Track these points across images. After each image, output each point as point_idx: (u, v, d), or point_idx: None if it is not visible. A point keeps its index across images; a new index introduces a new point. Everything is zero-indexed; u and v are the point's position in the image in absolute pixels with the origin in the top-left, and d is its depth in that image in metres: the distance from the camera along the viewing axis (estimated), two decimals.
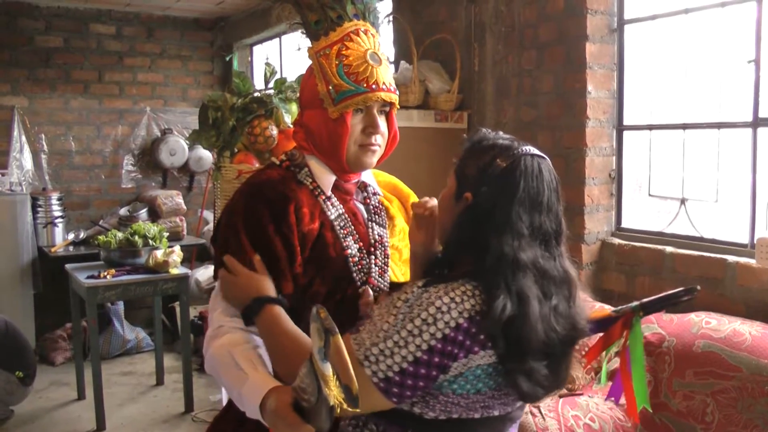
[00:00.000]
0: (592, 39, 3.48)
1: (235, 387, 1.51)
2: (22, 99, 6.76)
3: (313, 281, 1.67)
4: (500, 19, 3.94)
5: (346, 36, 1.73)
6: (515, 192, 1.48)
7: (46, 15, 6.80)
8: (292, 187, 1.72)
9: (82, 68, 6.99)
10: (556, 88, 3.63)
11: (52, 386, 5.52)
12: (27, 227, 6.29)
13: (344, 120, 1.69)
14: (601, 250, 3.58)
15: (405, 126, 3.94)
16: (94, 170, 7.11)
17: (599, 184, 3.57)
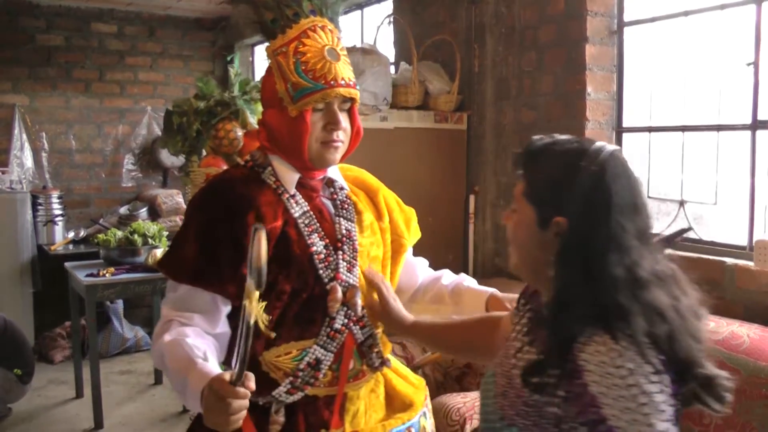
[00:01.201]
0: (592, 41, 3.48)
1: (181, 374, 1.51)
2: (23, 97, 6.76)
3: (277, 279, 1.64)
4: (500, 20, 3.93)
5: (303, 33, 1.70)
6: (610, 200, 1.30)
7: (48, 14, 6.80)
8: (254, 187, 1.72)
9: (84, 67, 6.99)
10: (556, 90, 3.63)
11: (51, 384, 5.51)
12: (27, 225, 6.29)
13: (304, 118, 1.67)
14: None
15: (405, 127, 3.95)
16: (95, 169, 7.11)
17: None
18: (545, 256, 1.34)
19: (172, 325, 1.62)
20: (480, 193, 4.11)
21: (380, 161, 3.86)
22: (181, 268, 1.67)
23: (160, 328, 1.64)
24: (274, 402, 1.65)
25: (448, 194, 4.14)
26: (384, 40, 4.72)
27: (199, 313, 1.65)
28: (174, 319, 1.64)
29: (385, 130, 3.90)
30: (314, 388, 1.68)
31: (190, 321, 1.64)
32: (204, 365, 1.49)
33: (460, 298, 2.01)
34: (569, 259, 1.30)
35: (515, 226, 1.45)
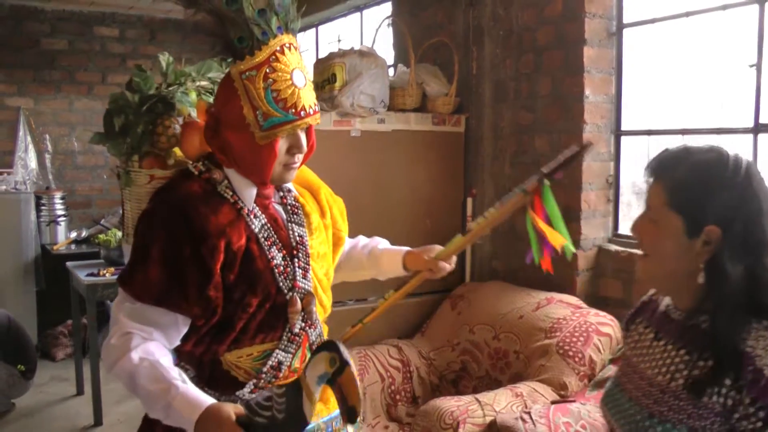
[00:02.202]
0: (590, 43, 3.45)
1: (161, 398, 1.56)
2: (27, 100, 6.85)
3: (245, 295, 1.69)
4: (498, 22, 3.91)
5: (272, 56, 1.66)
6: (761, 206, 1.35)
7: (52, 18, 6.88)
8: (214, 205, 1.70)
9: (87, 70, 7.07)
10: (554, 92, 3.60)
11: (53, 381, 5.59)
12: (30, 225, 6.38)
13: (272, 146, 1.68)
14: (597, 256, 3.54)
15: (402, 129, 3.93)
16: (97, 170, 7.17)
17: (596, 189, 3.53)
18: (693, 265, 1.39)
19: (133, 340, 1.62)
20: (477, 195, 4.08)
21: (378, 164, 3.86)
22: (146, 289, 1.64)
23: (118, 340, 1.63)
24: (238, 401, 1.67)
25: (445, 197, 4.11)
26: (383, 42, 4.71)
27: (158, 329, 1.66)
28: (134, 333, 1.63)
29: (382, 132, 3.88)
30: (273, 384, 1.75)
31: (150, 336, 1.64)
32: (187, 390, 1.57)
33: (377, 261, 2.15)
34: (726, 264, 1.34)
35: (657, 236, 1.46)
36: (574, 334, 3.11)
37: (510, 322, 3.41)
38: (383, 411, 3.48)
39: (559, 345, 3.09)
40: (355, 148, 3.81)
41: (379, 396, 3.47)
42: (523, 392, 2.89)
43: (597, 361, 3.04)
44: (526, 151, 3.79)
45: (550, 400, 2.87)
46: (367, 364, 3.52)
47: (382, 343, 3.74)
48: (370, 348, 3.64)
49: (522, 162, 3.82)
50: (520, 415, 2.62)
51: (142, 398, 1.62)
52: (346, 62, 3.70)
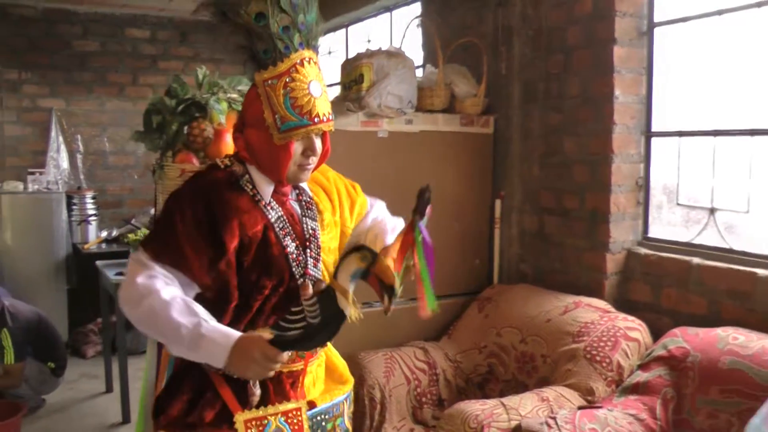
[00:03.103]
0: (620, 42, 3.39)
1: (193, 330, 1.72)
2: (59, 101, 6.96)
3: (260, 277, 1.89)
4: (527, 22, 3.87)
5: (293, 68, 1.87)
6: None
7: (84, 20, 6.98)
8: (235, 194, 1.91)
9: (118, 71, 7.16)
10: (583, 93, 3.55)
11: (83, 378, 5.67)
12: (62, 224, 6.49)
13: (288, 148, 1.89)
14: (626, 259, 3.48)
15: (430, 130, 3.90)
16: (128, 170, 7.26)
17: (626, 191, 3.47)
18: None
19: (159, 280, 1.79)
20: (506, 197, 4.05)
21: (405, 165, 3.84)
22: (164, 251, 1.83)
23: (145, 279, 1.78)
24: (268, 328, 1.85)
25: (473, 198, 4.08)
26: (412, 42, 4.69)
27: (175, 279, 1.83)
28: (157, 275, 1.80)
29: (410, 133, 3.86)
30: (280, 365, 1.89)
31: (173, 282, 1.81)
32: (216, 325, 1.76)
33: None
34: None
35: None
36: (601, 338, 3.07)
37: (537, 326, 3.37)
38: (409, 413, 3.46)
39: (587, 349, 3.05)
40: (383, 149, 3.79)
41: (404, 398, 3.45)
42: (549, 397, 2.85)
43: (625, 367, 2.99)
44: (555, 152, 3.74)
45: (577, 405, 2.83)
46: (392, 366, 3.49)
47: (408, 345, 3.71)
48: (396, 350, 3.62)
49: (551, 163, 3.77)
50: (545, 420, 2.58)
51: (168, 334, 1.77)
52: (373, 63, 3.69)
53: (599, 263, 3.48)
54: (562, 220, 3.72)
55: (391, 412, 3.37)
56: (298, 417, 1.91)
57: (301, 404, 1.93)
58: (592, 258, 3.54)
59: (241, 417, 1.84)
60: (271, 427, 1.86)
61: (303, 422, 1.91)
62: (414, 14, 4.95)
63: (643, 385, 2.80)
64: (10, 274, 6.25)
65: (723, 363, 2.64)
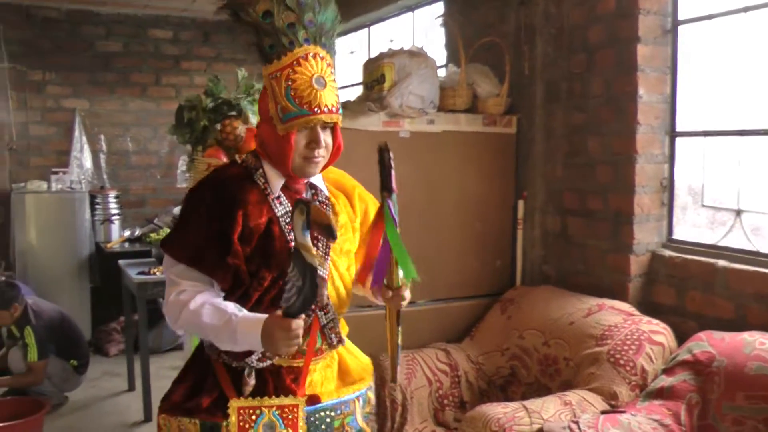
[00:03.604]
0: (644, 40, 3.35)
1: (226, 329, 1.83)
2: (83, 101, 7.03)
3: (259, 268, 1.93)
4: (550, 21, 3.83)
5: (296, 61, 1.90)
6: None
7: (107, 21, 7.04)
8: (245, 186, 1.98)
9: (141, 72, 7.21)
10: (607, 92, 3.51)
11: (105, 376, 5.73)
12: (85, 224, 6.56)
13: (288, 138, 1.92)
14: (650, 261, 3.44)
15: (452, 130, 3.88)
16: (150, 170, 7.31)
17: (650, 192, 3.43)
18: None
19: (187, 293, 1.92)
20: (529, 198, 4.01)
21: (427, 165, 3.82)
22: (181, 251, 1.95)
23: (175, 298, 1.93)
24: (247, 367, 1.94)
25: (496, 199, 4.05)
26: (434, 42, 4.67)
27: (203, 283, 1.95)
28: (186, 289, 1.93)
29: (432, 133, 3.84)
30: (280, 359, 1.97)
31: (200, 289, 1.93)
32: (246, 314, 1.85)
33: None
34: None
35: None
36: (625, 342, 3.03)
37: (560, 328, 3.34)
38: (430, 415, 3.45)
39: (610, 353, 3.01)
40: (404, 149, 3.76)
41: (426, 400, 3.44)
42: (572, 401, 2.82)
43: (649, 371, 2.95)
44: (578, 152, 3.71)
45: (600, 409, 2.80)
46: (414, 368, 3.48)
47: (430, 347, 3.70)
48: (418, 351, 3.60)
49: (574, 164, 3.74)
50: (568, 424, 2.56)
51: (211, 336, 1.90)
52: (395, 62, 3.67)
53: (623, 265, 3.44)
54: (586, 221, 3.68)
55: (413, 414, 3.36)
56: (294, 413, 1.91)
57: (298, 401, 1.92)
58: (615, 260, 3.50)
59: (235, 404, 1.88)
60: (264, 418, 1.88)
61: (298, 420, 1.91)
62: (436, 14, 4.93)
63: (667, 390, 2.77)
64: (34, 272, 6.32)
65: (749, 368, 2.59)
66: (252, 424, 1.87)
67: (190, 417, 1.96)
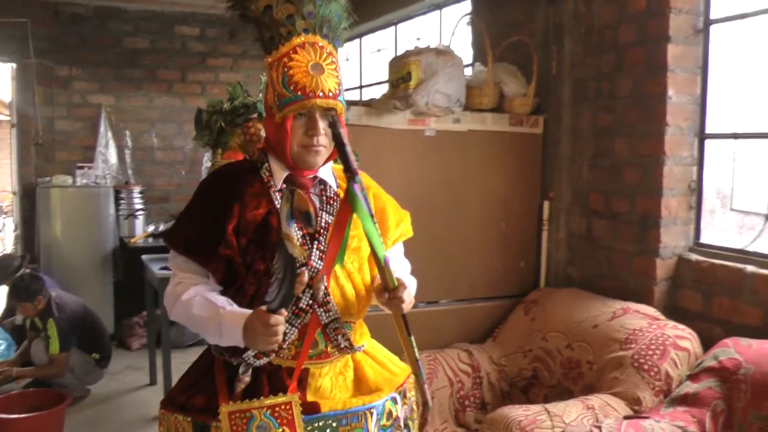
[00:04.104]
0: (674, 40, 3.30)
1: (213, 320, 1.83)
2: (109, 97, 7.08)
3: (255, 260, 1.90)
4: (579, 20, 3.78)
5: (293, 49, 1.90)
6: None
7: (134, 18, 7.09)
8: (247, 179, 1.98)
9: (167, 68, 7.23)
10: (635, 92, 3.46)
11: (128, 370, 5.77)
12: (110, 218, 6.61)
13: (285, 125, 1.90)
14: (677, 265, 3.38)
15: (478, 129, 3.85)
16: (175, 166, 7.34)
17: (677, 195, 3.37)
18: None
19: (182, 285, 1.95)
20: (554, 199, 3.98)
21: (452, 164, 3.80)
22: (179, 241, 1.98)
23: (172, 288, 1.97)
24: (243, 364, 1.90)
25: (521, 200, 4.02)
26: (461, 40, 4.63)
27: (200, 275, 1.97)
28: (183, 281, 1.96)
29: (457, 132, 3.81)
30: (278, 359, 1.93)
31: (196, 281, 1.95)
32: (233, 308, 1.85)
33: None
34: None
35: None
36: (650, 346, 2.98)
37: (584, 331, 3.30)
38: (451, 416, 3.43)
39: (634, 357, 2.97)
40: (430, 148, 3.75)
41: (447, 401, 3.42)
42: (594, 405, 2.78)
43: (673, 377, 2.90)
44: (605, 153, 3.66)
45: (623, 415, 2.76)
46: (436, 368, 3.46)
47: (452, 347, 3.68)
48: (440, 352, 3.58)
49: (601, 165, 3.69)
50: (590, 429, 2.52)
51: (198, 328, 1.91)
52: (421, 60, 3.64)
53: (649, 269, 3.39)
54: (612, 224, 3.64)
55: (433, 415, 3.34)
56: (288, 411, 1.85)
57: (291, 398, 1.87)
58: (641, 263, 3.45)
59: (226, 409, 1.84)
60: (256, 420, 1.84)
61: (294, 417, 1.85)
62: (464, 12, 4.89)
63: (692, 397, 2.71)
64: (58, 266, 6.37)
65: None
66: (244, 428, 1.82)
67: (184, 414, 1.95)
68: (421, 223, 3.66)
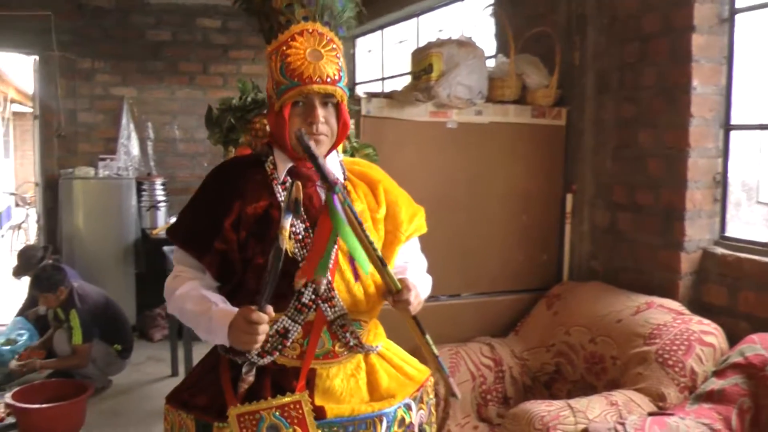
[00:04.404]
0: (699, 29, 3.24)
1: (204, 315, 1.81)
2: (131, 89, 7.12)
3: (254, 254, 1.85)
4: (602, 10, 3.74)
5: (291, 37, 1.87)
6: None
7: (157, 11, 7.12)
8: (249, 172, 1.94)
9: (189, 60, 7.24)
10: (659, 83, 3.42)
11: (149, 361, 5.80)
12: (132, 210, 6.64)
13: (282, 113, 1.86)
14: (701, 259, 3.34)
15: (500, 121, 3.82)
16: (197, 158, 7.36)
17: (702, 188, 3.33)
18: None
19: (179, 279, 1.92)
20: (578, 191, 3.94)
21: (474, 156, 3.77)
22: (177, 232, 1.98)
23: (170, 282, 1.95)
24: (247, 363, 1.85)
25: (544, 192, 3.98)
26: (484, 32, 4.60)
27: (196, 270, 1.93)
28: (180, 274, 1.93)
29: (479, 124, 3.78)
30: (283, 358, 1.87)
31: (192, 275, 1.92)
32: (224, 306, 1.81)
33: None
34: None
35: None
36: (674, 342, 2.94)
37: (608, 326, 3.26)
38: (473, 410, 3.41)
39: (659, 353, 2.93)
40: (451, 140, 3.73)
41: (469, 395, 3.40)
42: (618, 401, 2.75)
43: (699, 373, 2.86)
44: (629, 145, 3.62)
45: (647, 411, 2.72)
46: (458, 362, 3.45)
47: (474, 341, 3.66)
48: (462, 345, 3.57)
49: (624, 157, 3.65)
50: (614, 425, 2.49)
51: (192, 324, 1.88)
52: (443, 52, 3.61)
53: (673, 262, 3.35)
54: (636, 216, 3.59)
55: (455, 409, 3.32)
56: (298, 410, 1.80)
57: (300, 397, 1.81)
58: (665, 257, 3.40)
59: (234, 411, 1.78)
60: (265, 422, 1.79)
61: (305, 416, 1.79)
62: (486, 3, 4.85)
63: (717, 394, 2.67)
64: (81, 257, 6.41)
65: None
66: (254, 430, 1.77)
67: (187, 412, 1.90)
68: (442, 216, 3.68)
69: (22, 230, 11.83)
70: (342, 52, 1.94)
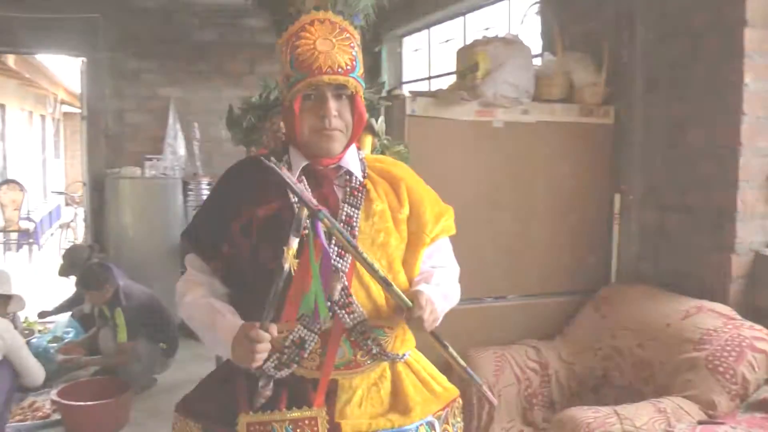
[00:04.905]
0: (752, 24, 3.15)
1: (211, 326, 1.76)
2: (177, 90, 7.21)
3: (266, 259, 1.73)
4: (652, 5, 3.66)
5: (301, 28, 1.78)
6: None
7: (202, 11, 7.17)
8: (260, 173, 1.75)
9: (235, 61, 7.25)
10: (710, 80, 3.33)
11: (194, 359, 5.75)
12: (178, 209, 6.71)
13: (292, 106, 1.78)
14: (754, 262, 3.24)
15: (546, 120, 3.77)
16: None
17: (755, 188, 3.23)
18: None
19: (189, 284, 1.87)
20: (626, 192, 3.86)
21: (520, 156, 3.73)
22: (188, 235, 1.92)
23: (180, 286, 1.90)
24: (263, 376, 1.74)
25: (591, 192, 3.92)
26: (530, 30, 4.54)
27: (206, 274, 1.87)
28: (190, 279, 1.88)
29: (526, 123, 3.73)
30: (302, 369, 1.76)
31: (200, 278, 1.87)
32: (230, 319, 1.74)
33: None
34: None
35: None
36: (725, 348, 2.85)
37: (656, 330, 3.19)
38: (518, 414, 3.37)
39: (709, 359, 2.85)
40: (497, 140, 3.69)
41: (514, 399, 3.36)
42: (666, 408, 2.67)
43: (750, 380, 2.77)
44: (678, 144, 3.54)
45: (696, 419, 2.65)
46: (503, 365, 3.40)
47: (520, 344, 3.61)
48: (507, 348, 3.52)
49: (674, 157, 3.57)
50: None
51: (198, 332, 1.84)
52: (489, 50, 3.58)
53: (724, 265, 3.26)
54: (685, 218, 3.51)
55: (500, 412, 3.28)
56: (313, 427, 1.70)
57: (317, 413, 1.71)
58: (716, 259, 3.32)
59: (244, 419, 1.71)
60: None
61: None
62: (533, 1, 4.79)
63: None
64: (127, 256, 6.49)
65: None
66: None
67: (195, 420, 1.85)
68: (487, 217, 3.65)
69: (70, 229, 12.03)
70: (357, 42, 1.85)
